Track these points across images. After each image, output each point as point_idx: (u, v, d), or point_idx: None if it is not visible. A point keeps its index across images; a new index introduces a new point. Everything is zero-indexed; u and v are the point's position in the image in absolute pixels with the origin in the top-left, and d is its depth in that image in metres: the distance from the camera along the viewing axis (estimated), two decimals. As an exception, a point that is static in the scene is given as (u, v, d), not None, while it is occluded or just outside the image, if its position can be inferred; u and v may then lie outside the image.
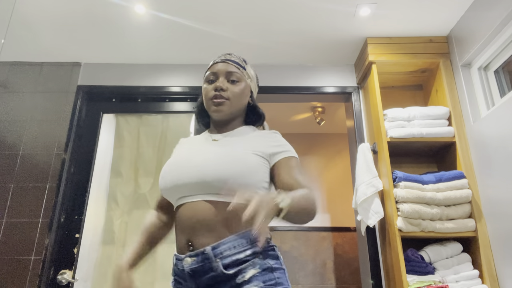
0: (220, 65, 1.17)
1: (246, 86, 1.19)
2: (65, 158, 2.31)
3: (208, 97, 1.15)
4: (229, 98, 1.13)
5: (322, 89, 2.56)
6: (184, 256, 0.99)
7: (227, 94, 1.13)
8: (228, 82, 1.15)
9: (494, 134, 1.84)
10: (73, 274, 2.12)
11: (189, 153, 1.13)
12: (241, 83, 1.17)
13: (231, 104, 1.14)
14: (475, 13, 2.02)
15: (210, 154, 1.07)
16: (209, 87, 1.16)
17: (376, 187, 2.03)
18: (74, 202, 2.29)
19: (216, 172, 1.00)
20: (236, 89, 1.15)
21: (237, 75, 1.16)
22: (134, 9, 2.08)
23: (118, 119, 2.60)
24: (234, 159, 1.03)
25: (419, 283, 1.81)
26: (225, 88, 1.13)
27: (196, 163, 1.05)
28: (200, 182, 1.01)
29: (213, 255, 0.96)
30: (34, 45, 2.41)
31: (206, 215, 1.00)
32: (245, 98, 1.19)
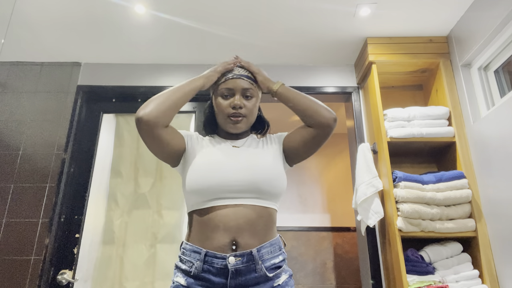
0: (236, 82, 1.21)
1: (258, 100, 1.27)
2: (65, 158, 2.31)
3: (225, 113, 1.20)
4: (246, 115, 1.21)
5: (322, 89, 2.56)
6: (229, 255, 1.03)
7: (244, 111, 1.20)
8: (243, 98, 1.21)
9: (494, 134, 1.84)
10: (73, 274, 2.12)
11: (226, 156, 1.17)
12: (254, 98, 1.24)
13: (248, 120, 1.23)
14: (475, 13, 2.02)
15: (255, 160, 1.17)
16: (225, 103, 1.21)
17: (376, 187, 2.03)
18: (74, 202, 2.29)
19: (265, 177, 1.12)
20: (251, 105, 1.22)
21: (251, 91, 1.22)
22: (134, 9, 2.08)
23: (118, 119, 2.60)
24: (270, 168, 1.16)
25: (419, 283, 1.81)
26: (242, 106, 1.19)
27: (245, 166, 1.13)
28: (251, 185, 1.10)
29: (258, 257, 1.05)
30: (34, 45, 2.41)
31: (253, 218, 1.08)
32: (256, 111, 1.28)
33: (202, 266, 1.03)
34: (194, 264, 1.04)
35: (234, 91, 1.21)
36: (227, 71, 1.25)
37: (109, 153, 2.51)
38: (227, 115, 1.20)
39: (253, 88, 1.24)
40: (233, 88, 1.21)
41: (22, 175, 2.27)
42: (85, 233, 2.24)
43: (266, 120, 1.36)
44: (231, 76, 1.23)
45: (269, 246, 1.09)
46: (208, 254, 1.04)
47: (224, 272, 1.02)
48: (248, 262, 1.03)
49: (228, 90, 1.22)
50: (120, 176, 2.45)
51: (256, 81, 1.26)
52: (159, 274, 2.24)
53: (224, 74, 1.25)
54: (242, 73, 1.24)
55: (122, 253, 2.28)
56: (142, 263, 2.25)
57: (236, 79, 1.22)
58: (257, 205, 1.10)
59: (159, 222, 2.35)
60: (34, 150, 2.33)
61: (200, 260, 1.04)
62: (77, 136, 2.42)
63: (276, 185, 1.14)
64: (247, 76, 1.24)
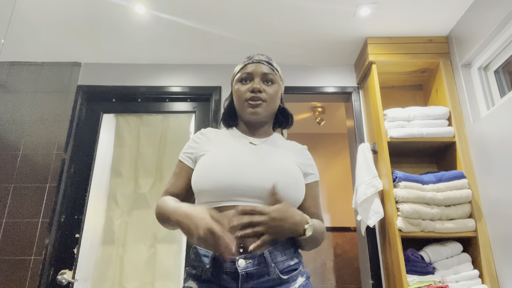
0: (255, 66, 1.15)
1: (279, 89, 1.18)
2: (65, 158, 2.31)
3: (243, 98, 1.13)
4: (266, 100, 1.13)
5: (322, 89, 2.56)
6: (238, 258, 0.94)
7: (263, 96, 1.12)
8: (263, 83, 1.14)
9: (494, 134, 1.84)
10: (73, 274, 2.12)
11: (240, 155, 1.07)
12: (275, 84, 1.16)
13: (268, 106, 1.14)
14: (475, 13, 2.02)
15: (269, 162, 1.06)
16: (244, 88, 1.14)
17: (376, 187, 2.03)
18: (74, 202, 2.29)
19: (284, 181, 1.01)
20: (271, 90, 1.14)
21: (271, 77, 1.15)
22: (134, 9, 2.08)
23: (118, 119, 2.60)
24: (290, 172, 1.06)
25: (419, 283, 1.81)
26: (262, 90, 1.12)
27: (261, 168, 1.03)
28: (263, 188, 0.99)
29: (270, 259, 0.96)
30: (34, 45, 2.41)
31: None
32: (278, 100, 1.19)
33: (211, 271, 0.96)
34: (204, 268, 0.98)
35: (253, 76, 1.15)
36: (246, 58, 1.20)
37: (109, 153, 2.51)
38: (245, 99, 1.13)
39: (274, 74, 1.16)
40: (252, 72, 1.15)
41: (22, 175, 2.27)
42: (85, 233, 2.24)
43: (290, 112, 1.25)
44: (250, 61, 1.18)
45: (282, 248, 1.00)
46: (216, 258, 0.96)
47: (235, 276, 0.94)
48: (260, 264, 0.95)
49: (247, 75, 1.15)
50: (120, 176, 2.45)
51: (277, 70, 1.19)
52: (159, 274, 2.24)
53: (245, 61, 1.20)
54: (262, 58, 1.18)
55: (122, 253, 2.28)
56: (142, 263, 2.25)
57: (256, 63, 1.16)
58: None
59: (159, 222, 2.34)
60: (34, 150, 2.33)
61: (209, 264, 0.97)
62: (77, 136, 2.42)
63: (293, 195, 1.03)
64: (267, 61, 1.18)
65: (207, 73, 2.61)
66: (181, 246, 2.29)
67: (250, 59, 1.19)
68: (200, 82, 2.58)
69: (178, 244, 2.30)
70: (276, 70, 1.19)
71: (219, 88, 2.54)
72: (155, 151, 2.51)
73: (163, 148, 2.52)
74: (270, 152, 1.12)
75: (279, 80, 1.19)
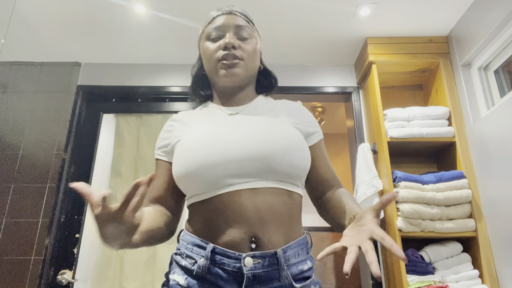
0: (227, 18, 0.94)
1: (258, 44, 0.98)
2: (65, 158, 2.31)
3: (215, 58, 0.91)
4: (243, 58, 0.91)
5: (322, 89, 2.56)
6: (245, 255, 0.75)
7: (240, 53, 0.91)
8: (238, 39, 0.93)
9: (494, 134, 1.84)
10: (73, 274, 2.12)
11: (219, 128, 0.86)
12: (253, 40, 0.95)
13: (246, 65, 0.92)
14: (475, 13, 2.02)
15: (256, 128, 0.84)
16: (214, 46, 0.92)
17: (376, 187, 2.03)
18: (74, 202, 2.29)
19: (278, 148, 0.80)
20: (249, 47, 0.93)
21: (247, 30, 0.94)
22: (134, 9, 2.08)
23: (118, 119, 2.60)
24: (287, 134, 0.85)
25: (419, 283, 1.81)
26: (236, 46, 0.91)
27: (250, 137, 0.81)
28: (258, 161, 0.79)
29: (284, 261, 0.78)
30: (34, 45, 2.41)
31: (276, 205, 0.80)
32: (258, 59, 0.99)
33: (207, 266, 0.77)
34: (197, 261, 0.78)
35: (225, 29, 0.93)
36: (215, 10, 0.98)
37: (109, 153, 2.51)
38: (217, 59, 0.91)
39: (250, 27, 0.96)
40: (223, 25, 0.93)
41: (22, 175, 2.27)
42: (85, 233, 2.24)
43: (273, 74, 1.06)
44: (220, 13, 0.96)
45: (296, 246, 0.82)
46: (216, 251, 0.77)
47: (237, 277, 0.76)
48: (271, 266, 0.77)
49: (216, 30, 0.93)
50: (120, 176, 2.45)
51: (253, 23, 0.98)
52: (159, 274, 2.24)
53: (212, 14, 0.98)
54: (235, 9, 0.96)
55: (122, 253, 2.28)
56: (142, 263, 2.25)
57: (226, 15, 0.94)
58: (276, 188, 0.81)
59: (159, 222, 2.34)
60: (34, 150, 2.33)
61: (206, 258, 0.77)
62: (77, 136, 2.42)
63: (296, 161, 0.82)
64: (241, 12, 0.97)
65: (207, 73, 2.60)
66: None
67: (219, 10, 0.97)
68: (200, 82, 2.58)
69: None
70: (252, 23, 0.99)
71: (219, 88, 2.54)
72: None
73: (163, 148, 2.52)
74: (256, 118, 0.90)
75: (256, 35, 0.99)
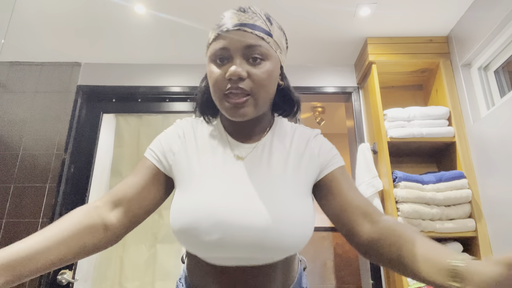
0: (234, 37, 0.74)
1: (275, 63, 0.78)
2: (65, 158, 2.31)
3: (219, 88, 0.75)
4: (253, 92, 0.74)
5: (322, 89, 2.56)
6: None
7: (249, 85, 0.74)
8: (248, 63, 0.75)
9: (494, 134, 1.84)
10: (73, 274, 2.12)
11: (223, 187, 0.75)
12: (268, 61, 0.76)
13: (257, 99, 0.75)
14: (475, 13, 2.02)
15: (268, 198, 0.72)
16: (219, 73, 0.75)
17: (376, 187, 2.03)
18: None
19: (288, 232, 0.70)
20: (262, 72, 0.74)
21: (260, 49, 0.74)
22: (134, 9, 2.08)
23: (118, 119, 2.60)
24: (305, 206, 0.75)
25: (419, 283, 1.81)
26: (244, 76, 0.73)
27: (252, 221, 0.69)
28: (261, 249, 0.70)
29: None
30: (34, 45, 2.41)
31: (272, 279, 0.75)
32: (275, 82, 0.80)
33: None
34: None
35: (230, 52, 0.75)
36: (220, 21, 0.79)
37: (109, 153, 2.51)
38: (222, 91, 0.75)
39: (265, 45, 0.76)
40: (228, 47, 0.75)
41: (22, 175, 2.27)
42: (85, 233, 2.24)
43: (295, 96, 0.87)
44: (225, 28, 0.76)
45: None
46: None
47: None
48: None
49: (221, 51, 0.75)
50: (120, 176, 2.45)
51: (271, 34, 0.77)
52: (159, 274, 2.24)
53: (218, 25, 0.79)
54: (245, 21, 0.76)
55: (122, 253, 2.28)
56: (142, 263, 2.25)
57: (235, 30, 0.75)
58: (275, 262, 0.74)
59: (159, 222, 2.34)
60: (34, 150, 2.33)
61: None
62: (77, 136, 2.42)
63: (301, 241, 0.72)
64: (252, 24, 0.76)
65: (207, 73, 2.60)
66: (181, 246, 2.29)
67: (225, 24, 0.77)
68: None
69: (178, 244, 2.30)
70: (269, 34, 0.77)
71: (219, 88, 2.54)
72: (155, 151, 2.51)
73: (163, 148, 2.52)
74: (264, 170, 0.77)
75: (275, 49, 0.78)
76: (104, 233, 0.75)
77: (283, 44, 0.84)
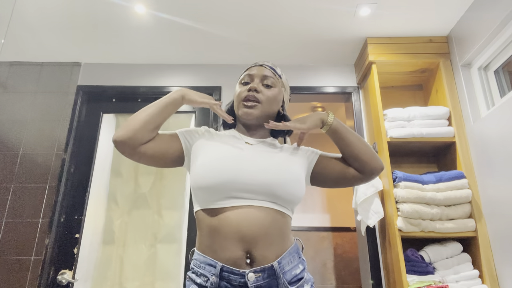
0: (256, 69, 1.17)
1: (279, 93, 1.18)
2: (65, 158, 2.31)
3: (240, 97, 1.13)
4: (261, 102, 1.12)
5: (322, 89, 2.56)
6: (248, 271, 0.92)
7: (260, 96, 1.12)
8: (262, 85, 1.15)
9: (494, 134, 1.84)
10: (73, 274, 2.12)
11: (237, 152, 1.07)
12: (275, 88, 1.16)
13: (262, 107, 1.12)
14: (475, 13, 2.02)
15: (271, 160, 1.06)
16: (243, 89, 1.15)
17: (376, 187, 2.03)
18: (74, 202, 2.29)
19: (280, 180, 1.01)
20: (270, 93, 1.14)
21: (272, 80, 1.16)
22: (134, 9, 2.08)
23: (118, 119, 2.60)
24: (289, 168, 1.06)
25: (419, 283, 1.81)
26: (259, 90, 1.12)
27: (258, 165, 1.02)
28: (263, 186, 0.99)
29: (280, 271, 0.95)
30: (34, 45, 2.41)
31: (267, 223, 0.97)
32: (277, 105, 1.17)
33: (218, 282, 0.93)
34: (210, 278, 0.94)
35: (253, 77, 1.16)
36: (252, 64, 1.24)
37: (109, 153, 2.51)
38: (241, 99, 1.13)
39: (275, 78, 1.17)
40: (252, 74, 1.16)
41: (22, 175, 2.27)
42: (85, 233, 2.24)
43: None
44: (253, 65, 1.21)
45: (288, 255, 0.99)
46: (224, 269, 0.93)
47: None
48: (269, 277, 0.94)
49: (248, 77, 1.17)
50: (120, 176, 2.45)
51: (280, 76, 1.20)
52: (159, 274, 2.24)
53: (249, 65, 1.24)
54: (266, 63, 1.21)
55: (122, 253, 2.28)
56: (142, 263, 2.25)
57: (258, 66, 1.19)
58: (271, 208, 0.99)
59: (159, 222, 2.35)
60: (34, 150, 2.33)
61: (216, 275, 0.93)
62: (77, 136, 2.42)
63: (292, 191, 1.02)
64: (271, 66, 1.20)
65: (207, 73, 2.61)
66: (181, 246, 2.29)
67: (254, 63, 1.22)
68: (200, 82, 2.58)
69: (178, 244, 2.30)
70: (279, 76, 1.19)
71: (219, 88, 2.54)
72: (155, 151, 2.51)
73: (163, 148, 2.52)
74: (267, 151, 1.11)
75: (280, 86, 1.19)
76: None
77: (287, 89, 1.25)
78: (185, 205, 2.36)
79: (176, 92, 1.12)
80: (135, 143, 1.03)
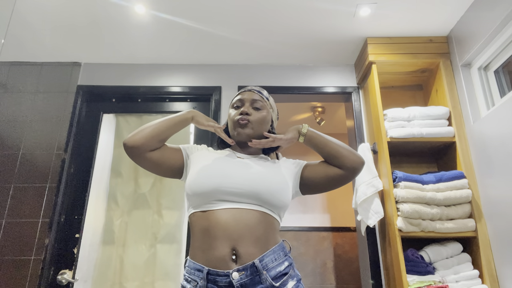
0: (247, 94, 1.31)
1: (268, 115, 1.31)
2: (65, 158, 2.31)
3: (234, 119, 1.27)
4: (252, 122, 1.25)
5: (322, 89, 2.56)
6: (232, 271, 1.01)
7: (251, 118, 1.25)
8: (252, 108, 1.28)
9: (494, 134, 1.84)
10: (73, 274, 2.12)
11: (228, 163, 1.20)
12: (264, 111, 1.29)
13: (253, 127, 1.25)
14: (475, 13, 2.02)
15: (259, 169, 1.19)
16: (235, 112, 1.28)
17: (376, 187, 2.03)
18: (74, 202, 2.29)
19: (266, 187, 1.12)
20: (259, 115, 1.27)
21: (260, 103, 1.29)
22: (134, 9, 2.08)
23: (118, 119, 2.60)
24: (275, 177, 1.18)
25: (419, 283, 1.81)
26: (250, 113, 1.25)
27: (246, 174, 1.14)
28: (251, 192, 1.09)
29: (262, 267, 1.03)
30: (34, 45, 2.41)
31: (253, 223, 1.07)
32: (266, 125, 1.30)
33: (206, 285, 1.02)
34: (198, 283, 1.03)
35: (244, 101, 1.29)
36: (241, 89, 1.37)
37: (109, 153, 2.51)
38: (235, 121, 1.26)
39: (264, 102, 1.30)
40: (243, 99, 1.29)
41: (22, 175, 2.27)
42: (85, 233, 2.24)
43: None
44: (243, 90, 1.34)
45: (272, 253, 1.07)
46: (210, 272, 1.02)
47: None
48: (252, 274, 1.02)
49: (239, 101, 1.30)
50: (120, 176, 2.45)
51: (268, 99, 1.33)
52: (159, 274, 2.24)
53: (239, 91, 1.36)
54: (254, 88, 1.33)
55: (122, 253, 2.28)
56: (142, 263, 2.26)
57: (247, 91, 1.32)
58: (258, 211, 1.10)
59: (159, 222, 2.35)
60: (34, 150, 2.33)
61: (203, 279, 1.02)
62: (77, 136, 2.42)
63: (277, 196, 1.13)
64: (259, 91, 1.33)
65: (207, 73, 2.61)
66: (181, 246, 2.29)
67: (243, 89, 1.35)
68: (200, 82, 2.58)
69: (178, 244, 2.30)
70: (267, 99, 1.32)
71: (219, 88, 2.54)
72: (155, 151, 2.51)
73: (163, 148, 2.52)
74: (256, 163, 1.23)
75: (268, 108, 1.32)
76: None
77: (275, 110, 1.38)
78: (185, 205, 2.36)
79: (189, 113, 1.28)
80: (144, 149, 1.17)
